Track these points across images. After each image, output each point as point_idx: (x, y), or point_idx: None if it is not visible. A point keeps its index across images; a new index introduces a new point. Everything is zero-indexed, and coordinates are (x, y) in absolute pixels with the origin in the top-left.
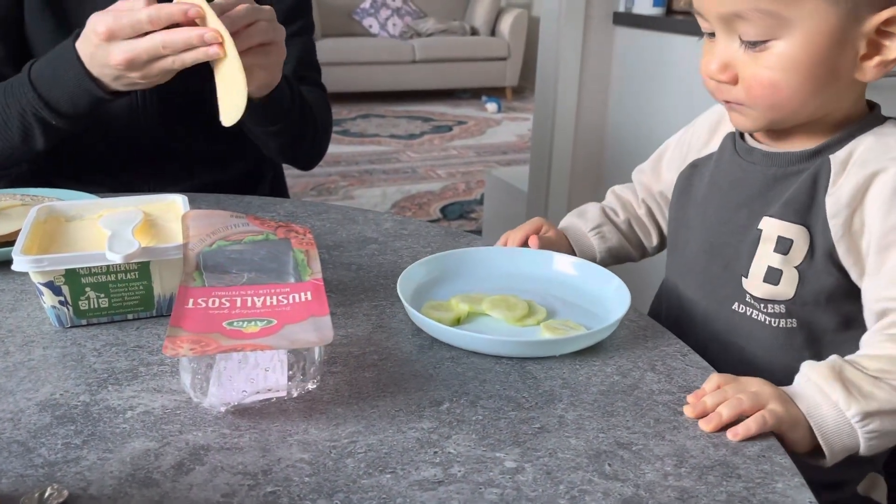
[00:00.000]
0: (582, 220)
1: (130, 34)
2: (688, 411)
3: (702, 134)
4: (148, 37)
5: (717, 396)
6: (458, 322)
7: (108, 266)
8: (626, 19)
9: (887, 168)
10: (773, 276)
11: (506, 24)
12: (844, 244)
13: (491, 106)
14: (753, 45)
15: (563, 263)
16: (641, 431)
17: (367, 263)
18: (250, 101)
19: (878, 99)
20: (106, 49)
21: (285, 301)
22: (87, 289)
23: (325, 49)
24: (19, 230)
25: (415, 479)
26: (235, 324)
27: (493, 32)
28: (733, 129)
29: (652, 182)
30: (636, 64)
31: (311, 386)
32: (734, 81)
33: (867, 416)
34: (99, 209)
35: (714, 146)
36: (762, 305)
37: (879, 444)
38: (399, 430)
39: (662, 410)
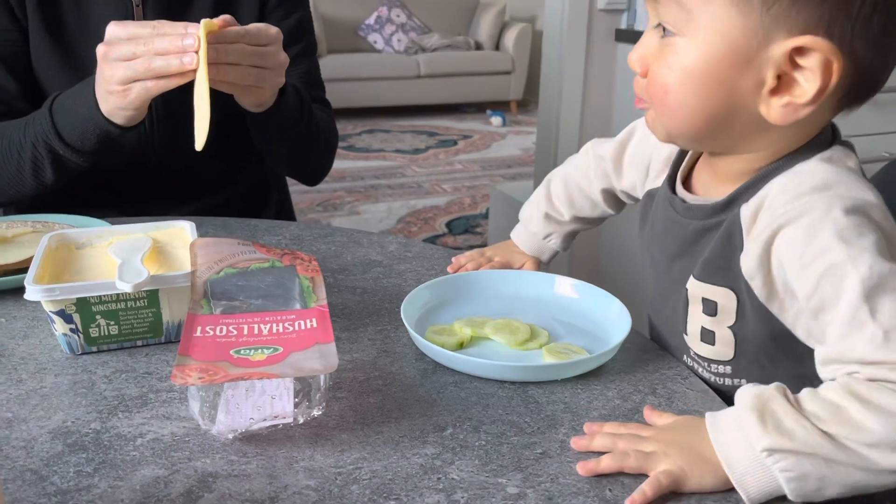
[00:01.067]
0: (533, 229)
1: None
2: (574, 443)
3: (658, 161)
4: None
5: (607, 441)
6: (461, 346)
7: (118, 294)
8: (629, 36)
9: (789, 220)
10: (708, 336)
11: (510, 39)
12: (776, 304)
13: (496, 120)
14: (664, 31)
15: (565, 286)
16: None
17: (372, 287)
18: (253, 113)
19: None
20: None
21: (291, 328)
22: (98, 316)
23: (331, 65)
24: (31, 257)
25: None
26: (242, 352)
27: (497, 47)
28: (669, 171)
29: (614, 179)
30: None
31: (316, 412)
32: (644, 74)
33: (775, 452)
34: (108, 236)
35: (661, 180)
36: (707, 364)
37: (802, 487)
38: (403, 455)
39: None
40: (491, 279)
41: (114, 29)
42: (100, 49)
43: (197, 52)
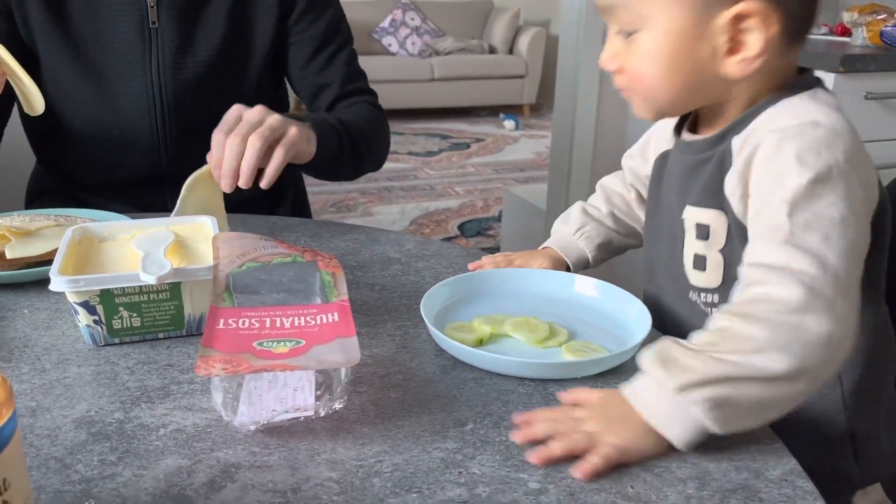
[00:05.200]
0: (565, 224)
1: None
2: (517, 437)
3: (673, 124)
4: None
5: (548, 427)
6: (480, 343)
7: (140, 286)
8: None
9: (766, 138)
10: (699, 262)
11: (524, 43)
12: (747, 219)
13: (509, 123)
14: (627, 35)
15: (585, 285)
16: (663, 454)
17: (391, 284)
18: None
19: None
20: None
21: (313, 322)
22: (121, 308)
23: None
24: (54, 250)
25: (440, 499)
26: (265, 344)
27: (511, 51)
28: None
29: (640, 166)
30: None
31: (337, 405)
32: (620, 71)
33: (685, 387)
34: (131, 230)
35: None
36: (699, 294)
37: (723, 416)
38: (424, 450)
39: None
40: (510, 277)
41: None
42: None
43: None
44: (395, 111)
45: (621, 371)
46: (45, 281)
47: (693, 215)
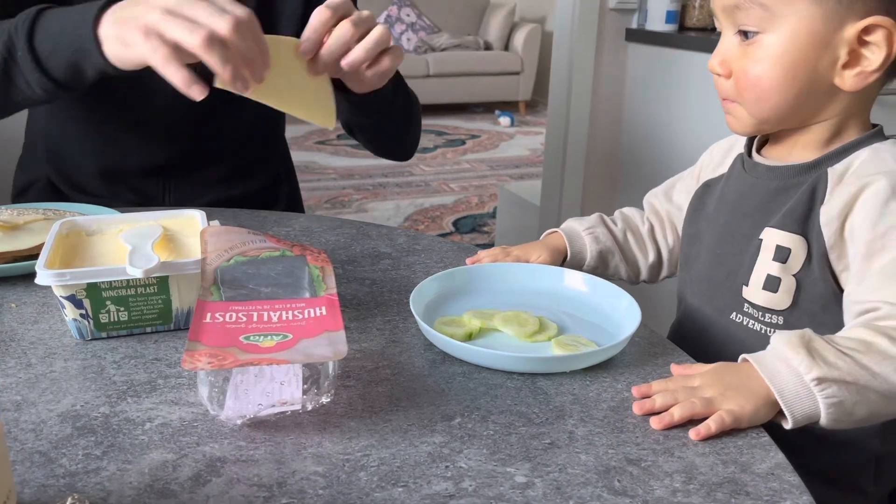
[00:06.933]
0: (578, 222)
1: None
2: (636, 409)
3: (716, 157)
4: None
5: (668, 398)
6: (469, 337)
7: (128, 280)
8: (639, 36)
9: (877, 179)
10: (772, 283)
11: (519, 39)
12: (836, 252)
13: (504, 120)
14: (746, 36)
15: (575, 280)
16: (651, 448)
17: (381, 278)
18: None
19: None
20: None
21: (301, 316)
22: (108, 302)
23: None
24: (42, 244)
25: (426, 492)
26: (252, 338)
27: (506, 47)
28: (742, 151)
29: (661, 203)
30: (649, 80)
31: (325, 399)
32: (728, 75)
33: (824, 381)
34: (119, 224)
35: (726, 167)
36: (760, 314)
37: (838, 413)
38: (411, 444)
39: (672, 427)
40: (500, 272)
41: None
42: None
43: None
44: None
45: (611, 365)
46: (33, 275)
47: (773, 237)
